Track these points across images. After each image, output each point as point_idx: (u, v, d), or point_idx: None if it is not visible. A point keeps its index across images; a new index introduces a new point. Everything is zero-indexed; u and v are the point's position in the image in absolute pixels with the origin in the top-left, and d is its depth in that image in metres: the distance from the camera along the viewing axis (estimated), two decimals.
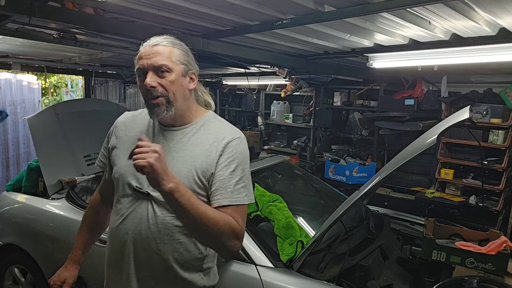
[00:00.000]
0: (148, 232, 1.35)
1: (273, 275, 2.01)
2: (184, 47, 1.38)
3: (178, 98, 1.34)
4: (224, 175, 1.33)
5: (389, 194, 4.59)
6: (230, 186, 1.32)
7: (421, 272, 2.36)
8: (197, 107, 1.46)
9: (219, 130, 1.39)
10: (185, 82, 1.36)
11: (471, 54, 2.91)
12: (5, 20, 2.43)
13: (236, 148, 1.36)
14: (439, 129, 1.97)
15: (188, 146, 1.37)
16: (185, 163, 1.34)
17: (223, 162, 1.34)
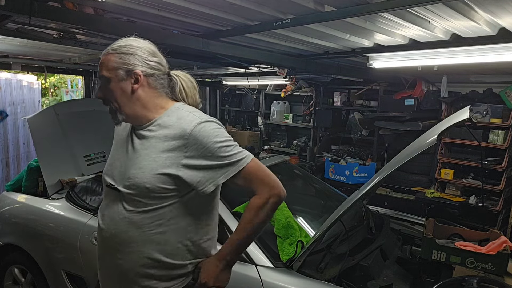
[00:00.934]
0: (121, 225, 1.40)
1: (273, 275, 2.02)
2: (126, 49, 1.38)
3: (121, 104, 1.39)
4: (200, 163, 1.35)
5: (389, 194, 4.59)
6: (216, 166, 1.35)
7: (421, 272, 2.36)
8: (161, 101, 1.44)
9: (181, 122, 1.38)
10: (126, 85, 1.37)
11: (471, 54, 2.91)
12: (5, 20, 2.43)
13: (200, 133, 1.35)
14: (439, 129, 1.97)
15: (152, 144, 1.38)
16: (149, 160, 1.36)
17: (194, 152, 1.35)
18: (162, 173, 1.34)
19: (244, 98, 7.46)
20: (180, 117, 1.39)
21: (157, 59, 1.42)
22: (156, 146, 1.37)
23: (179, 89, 1.48)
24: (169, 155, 1.35)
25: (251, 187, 1.40)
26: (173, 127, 1.38)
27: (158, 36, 2.65)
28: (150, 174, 1.34)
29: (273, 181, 1.43)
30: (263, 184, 1.40)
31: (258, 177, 1.40)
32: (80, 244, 2.56)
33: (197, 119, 1.38)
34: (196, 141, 1.34)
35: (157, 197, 1.37)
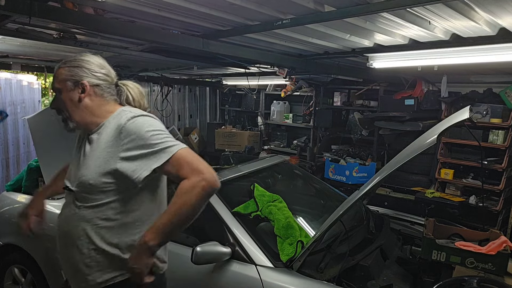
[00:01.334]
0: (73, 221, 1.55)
1: (273, 275, 2.02)
2: (74, 63, 1.56)
3: (71, 112, 1.56)
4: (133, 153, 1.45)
5: (389, 194, 4.59)
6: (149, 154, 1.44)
7: (421, 272, 2.36)
8: (109, 107, 1.58)
9: (117, 120, 1.50)
10: (74, 95, 1.54)
11: (471, 54, 2.91)
12: (5, 20, 2.43)
13: (134, 125, 1.46)
14: (439, 129, 1.97)
15: (98, 145, 1.52)
16: (93, 159, 1.50)
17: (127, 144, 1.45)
18: (103, 168, 1.47)
19: (244, 98, 7.46)
20: (120, 114, 1.53)
21: (104, 71, 1.60)
22: (100, 145, 1.51)
23: (126, 96, 1.63)
24: (108, 151, 1.48)
25: (182, 174, 1.42)
26: (112, 122, 1.52)
27: (158, 36, 2.66)
28: (94, 171, 1.48)
29: (206, 167, 1.44)
30: (194, 170, 1.42)
31: (189, 163, 1.43)
32: None
33: (132, 114, 1.50)
34: (130, 132, 1.45)
35: (100, 192, 1.49)
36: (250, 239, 2.18)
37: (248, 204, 2.46)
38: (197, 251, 2.00)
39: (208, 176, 1.41)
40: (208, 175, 1.42)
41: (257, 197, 2.52)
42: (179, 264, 2.29)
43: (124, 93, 1.63)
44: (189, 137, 7.32)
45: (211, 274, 2.14)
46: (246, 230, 2.23)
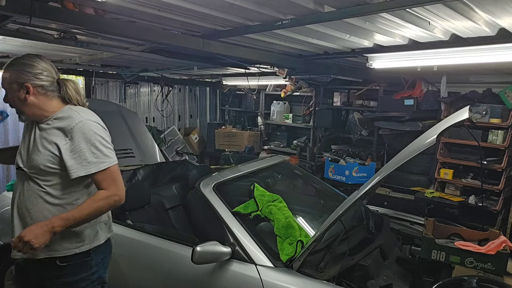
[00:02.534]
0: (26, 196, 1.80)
1: (273, 275, 2.02)
2: (17, 67, 1.77)
3: (21, 108, 1.80)
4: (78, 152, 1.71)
5: (389, 194, 4.60)
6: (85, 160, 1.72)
7: (420, 271, 2.36)
8: (56, 103, 1.83)
9: (69, 119, 1.77)
10: (20, 95, 1.77)
11: (470, 54, 2.91)
12: (5, 20, 2.43)
13: (76, 125, 1.73)
14: (438, 129, 1.97)
15: (47, 134, 1.77)
16: (42, 146, 1.76)
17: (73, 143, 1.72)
18: (50, 156, 1.74)
19: (244, 98, 7.46)
20: (70, 115, 1.78)
21: (46, 73, 1.80)
22: (49, 135, 1.76)
23: (65, 93, 1.85)
24: (56, 142, 1.74)
25: (103, 185, 1.74)
26: (63, 121, 1.77)
27: (158, 36, 2.66)
28: (43, 158, 1.74)
29: (122, 187, 1.79)
30: (114, 185, 1.76)
31: (113, 179, 1.76)
32: None
33: (81, 117, 1.77)
34: (76, 134, 1.72)
35: (48, 174, 1.75)
36: (250, 239, 2.19)
37: (248, 204, 2.47)
38: (197, 250, 2.01)
39: (121, 195, 1.77)
40: (122, 193, 1.78)
41: (257, 197, 2.52)
42: (179, 264, 2.30)
43: (64, 89, 1.85)
44: (189, 137, 7.33)
45: (211, 273, 2.15)
46: (246, 230, 2.23)
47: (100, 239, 1.89)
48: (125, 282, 2.54)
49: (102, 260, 1.92)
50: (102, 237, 1.90)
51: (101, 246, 1.90)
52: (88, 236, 1.84)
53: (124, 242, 2.55)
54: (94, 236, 1.87)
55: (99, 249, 1.89)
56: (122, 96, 6.62)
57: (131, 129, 4.09)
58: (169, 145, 6.86)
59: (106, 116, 2.00)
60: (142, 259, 2.47)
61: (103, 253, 1.93)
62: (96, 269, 1.89)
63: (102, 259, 1.92)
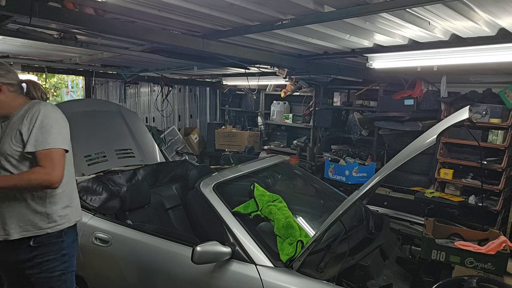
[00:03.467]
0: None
1: (273, 275, 2.02)
2: None
3: None
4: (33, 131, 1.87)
5: (389, 194, 4.60)
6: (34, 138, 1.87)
7: (420, 271, 2.36)
8: (21, 100, 2.02)
9: (31, 109, 1.93)
10: None
11: (470, 54, 2.91)
12: (5, 20, 2.43)
13: (36, 113, 1.90)
14: (438, 129, 1.97)
15: (12, 125, 1.95)
16: (8, 136, 1.93)
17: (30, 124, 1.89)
18: (13, 139, 1.90)
19: (244, 98, 7.47)
20: (33, 105, 1.96)
21: (12, 74, 1.99)
22: (14, 124, 1.94)
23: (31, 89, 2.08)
24: (17, 128, 1.90)
25: (42, 163, 1.86)
26: (27, 112, 1.92)
27: (158, 36, 2.66)
28: (8, 142, 1.90)
29: (58, 171, 1.88)
30: (51, 166, 1.86)
31: (51, 160, 1.87)
32: (80, 243, 2.56)
33: (42, 102, 2.00)
34: (33, 115, 1.89)
35: (14, 159, 1.90)
36: (250, 239, 2.19)
37: (248, 204, 2.46)
38: (197, 250, 2.01)
39: (54, 175, 1.86)
40: (55, 174, 1.86)
41: (257, 197, 2.52)
42: (179, 264, 2.30)
43: (30, 88, 2.08)
44: (189, 137, 7.33)
45: (211, 273, 2.15)
46: (246, 230, 2.23)
47: (71, 220, 2.03)
48: (125, 282, 2.54)
49: (71, 244, 2.05)
50: (72, 219, 2.05)
51: (71, 228, 2.05)
52: (60, 217, 1.97)
53: (124, 242, 2.55)
54: (65, 217, 2.00)
55: (69, 230, 2.03)
56: (122, 96, 6.62)
57: (131, 129, 4.09)
58: (169, 145, 6.86)
59: (106, 116, 2.00)
60: (142, 259, 2.47)
61: (73, 236, 2.08)
62: (67, 251, 2.01)
63: (72, 242, 2.06)
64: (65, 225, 2.00)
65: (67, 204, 2.03)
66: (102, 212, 2.80)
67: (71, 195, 2.08)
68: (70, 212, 2.04)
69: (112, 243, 2.57)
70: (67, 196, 2.04)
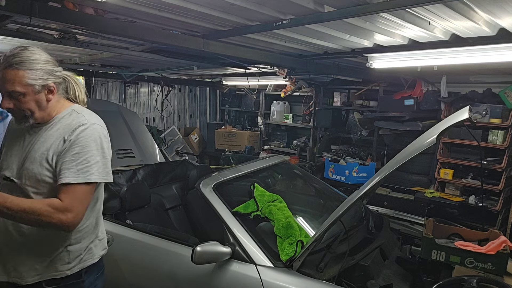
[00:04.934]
0: None
1: (273, 275, 2.02)
2: (35, 64, 1.46)
3: (35, 111, 1.52)
4: (66, 157, 1.49)
5: (389, 194, 4.60)
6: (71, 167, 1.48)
7: (420, 271, 2.36)
8: (61, 103, 1.60)
9: (72, 121, 1.55)
10: (41, 97, 1.51)
11: (470, 54, 2.91)
12: (5, 20, 2.43)
13: (80, 134, 1.51)
14: (438, 129, 1.97)
15: (46, 138, 1.54)
16: (38, 152, 1.52)
17: (68, 147, 1.50)
18: (48, 163, 1.51)
19: (244, 98, 7.47)
20: (74, 118, 1.57)
21: (59, 68, 1.57)
22: (48, 140, 1.53)
23: (72, 88, 1.64)
24: (54, 148, 1.51)
25: (64, 197, 1.47)
26: (66, 125, 1.55)
27: (158, 36, 2.66)
28: (40, 165, 1.51)
29: (81, 212, 1.51)
30: (72, 205, 1.47)
31: (77, 198, 1.48)
32: None
33: (84, 120, 1.55)
34: (76, 137, 1.51)
35: (43, 184, 1.51)
36: (250, 239, 2.18)
37: (248, 204, 2.46)
38: (197, 250, 2.00)
39: (72, 219, 1.47)
40: (75, 220, 1.48)
41: (257, 197, 2.52)
42: (179, 264, 2.30)
43: (71, 87, 1.64)
44: (189, 137, 7.33)
45: (211, 273, 2.14)
46: (246, 230, 2.23)
47: (93, 257, 1.67)
48: (125, 282, 2.54)
49: (94, 282, 1.70)
50: (96, 255, 1.69)
51: (93, 266, 1.68)
52: (80, 255, 1.62)
53: (124, 242, 2.55)
54: (87, 254, 1.64)
55: (91, 269, 1.67)
56: (122, 96, 6.62)
57: (131, 129, 4.09)
58: (169, 145, 6.86)
59: (106, 116, 1.99)
60: (142, 259, 2.47)
61: (96, 274, 1.71)
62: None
63: (95, 280, 1.70)
64: (87, 264, 1.64)
65: (93, 239, 1.67)
66: (102, 212, 2.79)
67: (99, 227, 1.73)
68: (94, 246, 1.68)
69: (112, 243, 2.56)
70: (95, 228, 1.69)
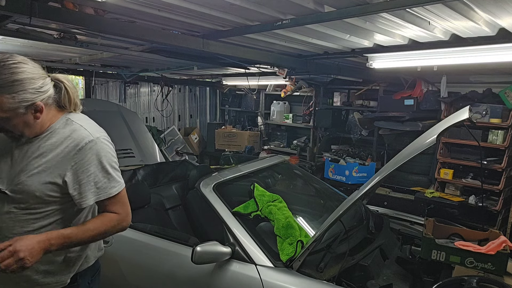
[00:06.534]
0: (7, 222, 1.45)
1: (273, 275, 2.02)
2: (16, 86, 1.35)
3: (24, 131, 1.43)
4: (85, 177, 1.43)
5: (389, 194, 4.60)
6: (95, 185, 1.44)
7: (420, 271, 2.36)
8: (52, 113, 1.49)
9: (72, 133, 1.46)
10: (28, 118, 1.40)
11: (470, 54, 2.91)
12: (5, 20, 2.43)
13: (91, 150, 1.44)
14: (438, 129, 1.97)
15: (42, 150, 1.44)
16: (38, 167, 1.42)
17: (81, 166, 1.42)
18: (49, 181, 1.42)
19: (244, 98, 7.47)
20: (73, 129, 1.47)
21: (45, 80, 1.45)
22: (46, 154, 1.43)
23: (64, 94, 1.50)
24: (56, 165, 1.42)
25: (114, 209, 1.51)
26: (64, 138, 1.45)
27: (158, 36, 2.66)
28: (39, 182, 1.41)
29: (129, 211, 1.58)
30: (123, 210, 1.54)
31: (123, 203, 1.55)
32: None
33: (89, 135, 1.46)
34: (85, 156, 1.42)
35: (42, 203, 1.44)
36: (250, 239, 2.19)
37: (248, 204, 2.47)
38: (197, 250, 2.00)
39: (128, 220, 1.56)
40: (129, 219, 1.57)
41: (257, 197, 2.52)
42: (179, 264, 2.30)
43: (63, 92, 1.50)
44: (189, 137, 7.33)
45: (211, 274, 2.15)
46: (246, 230, 2.23)
47: (88, 261, 1.64)
48: (125, 282, 2.54)
49: (89, 285, 1.67)
50: (91, 259, 1.65)
51: (88, 269, 1.65)
52: (77, 260, 1.59)
53: (124, 242, 2.55)
54: (83, 259, 1.62)
55: (85, 272, 1.64)
56: (122, 96, 6.62)
57: (131, 129, 4.09)
58: (169, 145, 6.86)
59: (106, 116, 1.98)
60: (142, 259, 2.47)
61: (91, 276, 1.68)
62: None
63: (89, 283, 1.67)
64: (83, 267, 1.62)
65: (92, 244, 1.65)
66: None
67: None
68: (90, 251, 1.64)
69: (112, 243, 2.56)
70: None
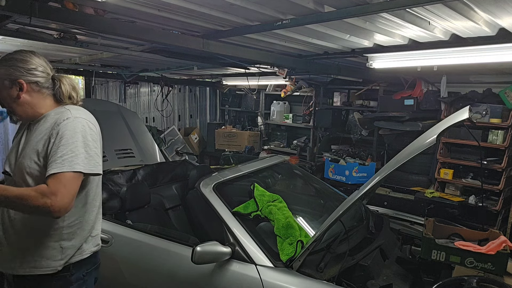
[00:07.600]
0: None
1: (273, 275, 2.02)
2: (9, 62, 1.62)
3: (13, 107, 1.66)
4: (53, 151, 1.56)
5: (389, 194, 4.59)
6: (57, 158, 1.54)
7: (420, 271, 2.37)
8: (49, 103, 1.70)
9: (58, 116, 1.63)
10: (12, 92, 1.63)
11: (470, 54, 2.91)
12: (5, 20, 2.43)
13: (64, 127, 1.58)
14: (438, 129, 1.97)
15: (36, 134, 1.65)
16: (30, 147, 1.63)
17: (54, 141, 1.57)
18: (34, 155, 1.60)
19: (244, 98, 7.47)
20: (60, 112, 1.65)
21: (41, 68, 1.67)
22: (37, 135, 1.64)
23: (59, 87, 1.71)
24: (42, 143, 1.60)
25: (51, 183, 1.51)
26: (52, 119, 1.64)
27: (158, 36, 2.66)
28: (28, 158, 1.60)
29: (66, 196, 1.51)
30: (59, 191, 1.49)
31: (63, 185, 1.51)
32: None
33: (70, 114, 1.62)
34: (59, 130, 1.58)
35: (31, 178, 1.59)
36: (250, 239, 2.19)
37: (248, 204, 2.47)
38: (197, 250, 2.01)
39: (59, 204, 1.49)
40: (60, 203, 1.49)
41: (257, 197, 2.52)
42: (179, 264, 2.30)
43: (58, 85, 1.71)
44: (189, 137, 7.33)
45: (211, 273, 2.15)
46: (246, 230, 2.23)
47: (83, 253, 1.70)
48: (125, 282, 2.54)
49: (83, 277, 1.72)
50: (86, 251, 1.72)
51: (83, 261, 1.71)
52: (71, 250, 1.66)
53: (124, 242, 2.55)
54: (77, 249, 1.69)
55: (80, 263, 1.70)
56: (122, 96, 6.63)
57: (131, 129, 4.09)
58: (169, 145, 6.86)
59: (106, 116, 1.98)
60: (142, 259, 2.47)
61: (86, 269, 1.73)
62: (76, 286, 1.70)
63: (84, 275, 1.72)
64: (76, 259, 1.69)
65: (86, 237, 1.72)
66: (102, 212, 2.80)
67: (93, 225, 1.77)
68: (86, 243, 1.72)
69: (112, 243, 2.56)
70: (88, 225, 1.73)
